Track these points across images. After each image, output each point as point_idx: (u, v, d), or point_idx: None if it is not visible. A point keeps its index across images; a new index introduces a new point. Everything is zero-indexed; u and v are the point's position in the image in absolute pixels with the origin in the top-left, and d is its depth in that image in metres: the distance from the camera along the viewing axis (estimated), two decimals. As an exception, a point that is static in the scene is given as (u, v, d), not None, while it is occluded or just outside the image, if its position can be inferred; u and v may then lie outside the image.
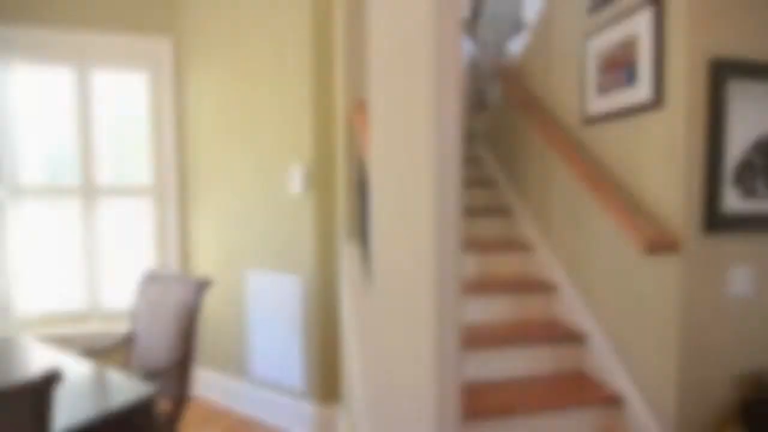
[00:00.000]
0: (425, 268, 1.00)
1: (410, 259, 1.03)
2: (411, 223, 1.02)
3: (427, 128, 1.01)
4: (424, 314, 1.02)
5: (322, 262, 2.56)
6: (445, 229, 0.99)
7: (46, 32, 2.77)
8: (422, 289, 1.02)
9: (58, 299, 2.90)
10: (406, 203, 1.03)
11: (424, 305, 1.02)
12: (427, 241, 1.00)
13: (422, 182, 1.00)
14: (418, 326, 1.03)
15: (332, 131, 2.55)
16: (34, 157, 2.87)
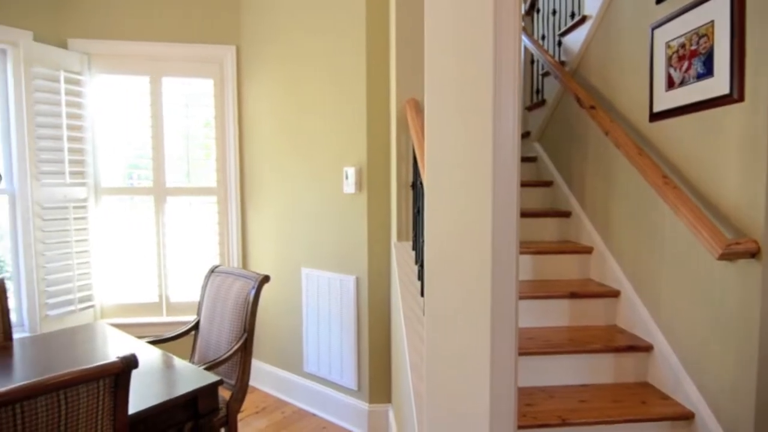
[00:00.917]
0: (481, 270, 0.99)
1: (465, 262, 1.03)
2: (467, 224, 1.02)
3: (484, 128, 1.00)
4: (480, 318, 1.01)
5: (374, 262, 2.59)
6: (502, 230, 0.98)
7: (125, 45, 3.00)
8: (477, 293, 1.01)
9: (133, 290, 3.14)
10: (461, 204, 1.02)
11: (479, 309, 1.01)
12: (484, 243, 0.99)
13: (479, 183, 0.99)
14: (473, 330, 1.02)
15: (385, 132, 2.57)
16: (113, 160, 3.12)
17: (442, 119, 1.05)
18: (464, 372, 1.03)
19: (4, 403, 1.05)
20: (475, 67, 0.99)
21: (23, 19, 2.75)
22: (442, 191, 1.05)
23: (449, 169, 1.04)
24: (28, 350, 1.96)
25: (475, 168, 1.00)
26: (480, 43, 0.99)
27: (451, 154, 1.03)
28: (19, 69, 2.68)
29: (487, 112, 0.98)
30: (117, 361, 1.22)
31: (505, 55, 1.00)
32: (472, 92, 1.00)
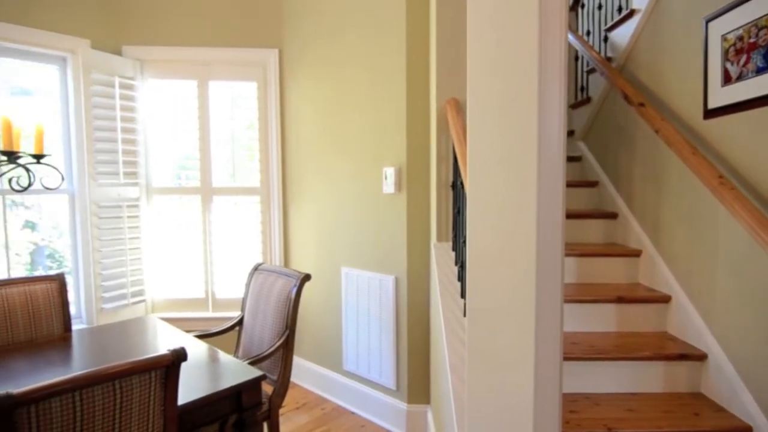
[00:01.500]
0: (525, 273, 0.97)
1: (508, 264, 1.01)
2: (510, 226, 1.00)
3: (528, 127, 0.98)
4: (524, 321, 0.99)
5: (413, 263, 2.59)
6: (547, 232, 0.95)
7: (175, 51, 3.13)
8: (521, 295, 0.99)
9: (181, 286, 3.27)
10: (504, 205, 1.01)
11: (523, 312, 0.99)
12: (528, 244, 0.97)
13: (523, 183, 0.97)
14: (517, 334, 1.00)
15: (424, 132, 2.56)
16: (163, 161, 3.26)
17: (485, 119, 1.03)
18: (507, 376, 1.01)
19: (65, 391, 1.12)
20: (520, 65, 0.97)
21: (82, 28, 2.93)
22: (484, 192, 1.04)
23: (492, 169, 1.02)
24: (86, 341, 2.08)
25: (519, 168, 0.98)
26: (524, 41, 0.97)
27: (494, 154, 1.01)
28: (78, 75, 2.85)
29: (531, 111, 0.96)
30: (168, 353, 1.28)
31: (550, 52, 0.98)
32: (517, 91, 0.98)
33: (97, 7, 3.00)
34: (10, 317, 2.04)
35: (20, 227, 4.58)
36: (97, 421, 1.18)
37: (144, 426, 1.27)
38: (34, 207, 4.54)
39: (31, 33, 2.71)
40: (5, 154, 1.55)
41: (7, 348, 1.98)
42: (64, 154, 2.90)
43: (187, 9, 3.14)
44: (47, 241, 4.65)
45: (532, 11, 0.96)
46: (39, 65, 2.84)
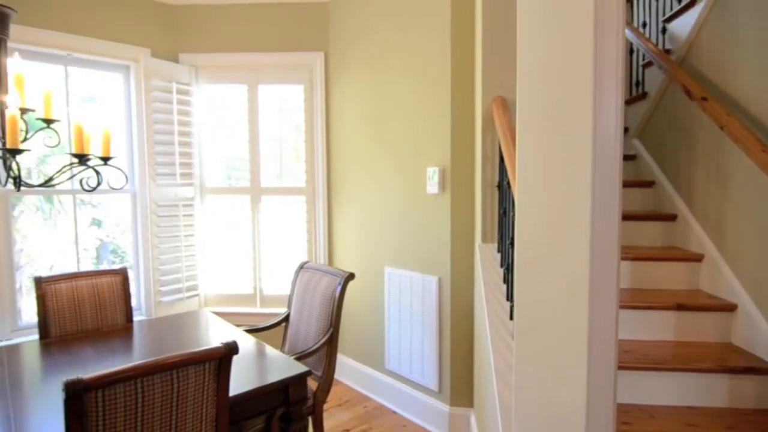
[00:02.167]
0: (578, 276, 0.94)
1: (560, 267, 0.98)
2: (562, 228, 0.97)
3: (583, 125, 0.94)
4: (576, 328, 0.96)
5: (457, 264, 2.56)
6: (602, 234, 0.92)
7: (226, 56, 3.26)
8: (574, 301, 0.96)
9: (231, 282, 3.41)
10: (556, 206, 0.98)
11: (575, 318, 0.96)
12: (581, 247, 0.94)
13: (576, 184, 0.94)
14: (568, 340, 0.97)
15: (469, 131, 2.53)
16: (215, 162, 3.41)
17: (535, 117, 1.01)
18: (558, 384, 0.98)
19: (128, 378, 1.20)
20: (574, 60, 0.94)
21: (143, 38, 3.11)
22: (534, 192, 1.02)
23: (543, 170, 0.99)
24: (145, 331, 2.21)
25: (572, 168, 0.95)
26: (579, 35, 0.94)
27: (545, 153, 0.99)
28: (140, 82, 3.03)
29: (586, 108, 0.93)
30: (221, 346, 1.33)
31: (606, 47, 0.94)
32: (570, 87, 0.95)
33: (157, 18, 3.17)
34: (79, 307, 2.19)
35: (88, 224, 4.92)
36: (156, 408, 1.25)
37: (198, 415, 1.34)
38: (100, 206, 4.86)
39: (100, 44, 2.91)
40: (77, 157, 1.68)
41: (76, 336, 2.13)
42: (127, 156, 3.10)
43: (238, 16, 3.26)
44: (111, 237, 4.97)
45: (587, 4, 0.92)
46: (106, 74, 3.04)
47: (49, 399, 1.53)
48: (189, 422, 1.32)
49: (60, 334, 2.14)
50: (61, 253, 4.38)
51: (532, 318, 1.03)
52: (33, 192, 3.18)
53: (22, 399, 1.52)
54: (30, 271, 3.68)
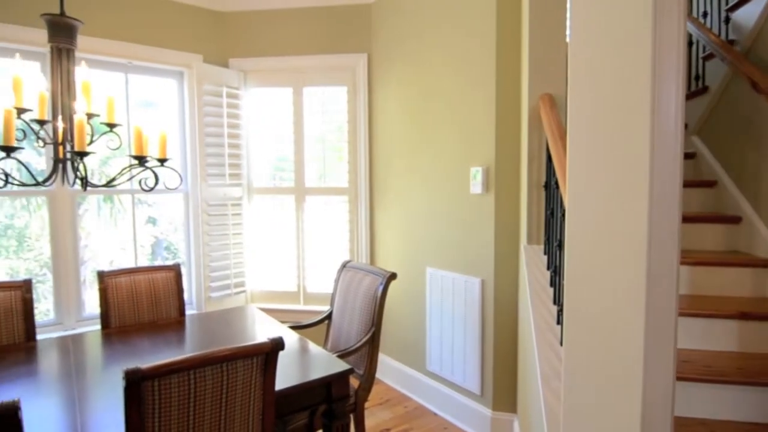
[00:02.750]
0: (634, 282, 0.90)
1: (614, 271, 0.94)
2: (617, 230, 0.93)
3: (640, 123, 0.90)
4: (631, 336, 0.92)
5: (501, 265, 2.51)
6: (661, 237, 0.87)
7: (273, 60, 3.36)
8: (629, 307, 0.92)
9: (276, 279, 3.50)
10: (610, 207, 0.94)
11: (630, 325, 0.92)
12: (638, 251, 0.89)
13: (633, 184, 0.90)
14: (623, 349, 0.93)
15: (515, 130, 2.47)
16: (261, 163, 3.51)
17: (588, 114, 0.97)
18: (611, 395, 0.94)
19: (182, 369, 1.26)
20: (631, 53, 0.90)
21: (195, 45, 3.25)
22: (586, 193, 0.98)
23: (596, 169, 0.96)
24: (196, 325, 2.31)
25: (628, 167, 0.91)
26: (637, 26, 0.90)
27: (599, 152, 0.95)
28: (192, 87, 3.17)
29: (644, 104, 0.88)
30: (268, 342, 1.37)
31: (666, 38, 0.89)
32: (627, 82, 0.90)
33: (209, 25, 3.31)
34: (136, 300, 2.32)
35: (144, 222, 5.20)
36: (207, 399, 1.30)
37: (246, 407, 1.38)
38: (155, 205, 5.12)
39: (157, 52, 3.07)
40: (137, 158, 1.78)
41: (133, 327, 2.26)
42: (180, 158, 3.25)
43: (285, 21, 3.34)
44: (164, 234, 5.23)
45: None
46: (162, 80, 3.21)
47: (109, 386, 1.62)
48: (237, 414, 1.36)
49: (119, 325, 2.27)
50: (120, 249, 4.65)
51: (583, 325, 0.99)
52: (97, 192, 3.39)
53: (85, 385, 1.63)
54: (93, 265, 3.93)
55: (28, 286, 2.11)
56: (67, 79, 1.75)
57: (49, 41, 1.73)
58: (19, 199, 3.75)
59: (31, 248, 4.45)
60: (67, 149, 1.73)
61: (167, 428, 1.26)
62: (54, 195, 2.80)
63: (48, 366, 1.80)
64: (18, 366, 1.79)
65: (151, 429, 1.24)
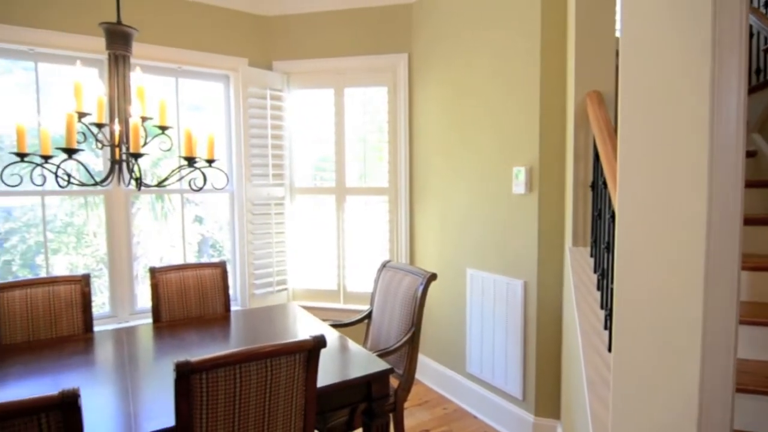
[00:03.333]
0: (690, 287, 0.85)
1: (669, 275, 0.90)
2: (672, 232, 0.89)
3: (698, 119, 0.85)
4: (686, 345, 0.87)
5: (545, 268, 2.45)
6: (720, 241, 0.82)
7: (315, 62, 3.41)
8: (684, 314, 0.87)
9: (316, 278, 3.56)
10: (665, 209, 0.89)
11: (686, 333, 0.87)
12: (695, 255, 0.85)
13: (690, 183, 0.85)
14: (677, 356, 0.88)
15: (559, 129, 2.40)
16: (303, 163, 3.58)
17: (641, 110, 0.93)
18: (664, 406, 0.90)
19: (228, 363, 1.30)
20: (688, 49, 0.85)
21: (241, 49, 3.35)
22: (638, 194, 0.94)
23: (649, 169, 0.91)
24: (240, 321, 2.38)
25: (685, 167, 0.86)
26: (695, 16, 0.85)
27: (652, 150, 0.91)
28: (238, 90, 3.27)
29: (702, 102, 0.83)
30: (310, 339, 1.40)
31: (728, 29, 0.84)
32: (684, 79, 0.86)
33: (254, 29, 3.40)
34: (185, 296, 2.42)
35: (191, 221, 5.42)
36: (252, 393, 1.34)
37: (289, 402, 1.41)
38: (202, 204, 5.32)
39: (205, 57, 3.19)
40: (187, 160, 1.85)
41: (182, 321, 2.36)
42: (226, 159, 3.36)
43: (327, 23, 3.39)
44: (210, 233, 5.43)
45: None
46: (209, 83, 3.33)
47: (160, 377, 1.70)
48: (281, 408, 1.39)
49: (169, 319, 2.37)
50: (169, 246, 4.87)
51: (635, 332, 0.95)
52: (149, 191, 3.57)
53: (138, 375, 1.71)
54: (144, 262, 4.13)
55: (86, 280, 2.25)
56: (123, 84, 1.85)
57: (107, 48, 1.83)
58: (78, 198, 4.00)
59: (89, 244, 4.74)
60: (122, 151, 1.83)
61: (214, 419, 1.30)
62: (110, 194, 2.96)
63: (104, 356, 1.91)
64: (77, 355, 1.90)
65: (199, 420, 1.29)
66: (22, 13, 2.63)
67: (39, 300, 2.12)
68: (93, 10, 2.82)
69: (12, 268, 4.58)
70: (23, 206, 4.35)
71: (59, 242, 4.65)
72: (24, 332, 2.06)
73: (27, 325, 2.07)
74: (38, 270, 4.71)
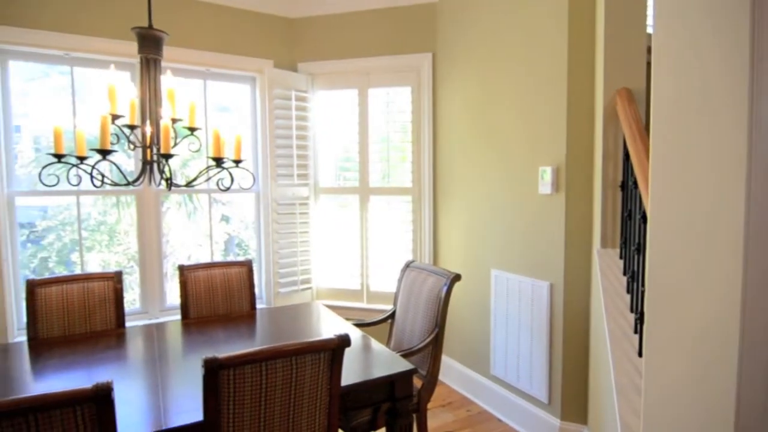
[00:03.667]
0: (727, 293, 0.82)
1: (703, 280, 0.86)
2: (707, 235, 0.85)
3: (736, 114, 0.82)
4: (721, 355, 0.84)
5: (571, 269, 2.40)
6: (759, 243, 0.79)
7: (339, 63, 3.43)
8: (720, 321, 0.84)
9: (340, 277, 3.58)
10: (700, 210, 0.86)
11: (723, 343, 0.84)
12: (732, 259, 0.81)
13: (727, 184, 0.82)
14: (713, 369, 0.85)
15: (587, 127, 2.35)
16: (327, 163, 3.60)
17: (675, 109, 0.90)
18: (697, 416, 0.87)
19: (255, 360, 1.32)
20: (724, 43, 0.82)
21: (267, 51, 3.40)
22: (671, 194, 0.91)
23: (683, 168, 0.88)
24: (265, 319, 2.41)
25: (721, 166, 0.83)
26: (732, 12, 0.81)
27: (687, 149, 0.88)
28: (264, 92, 3.32)
29: (740, 97, 0.80)
30: (335, 338, 1.40)
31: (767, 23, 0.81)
32: (721, 77, 0.83)
33: (279, 31, 3.45)
34: (213, 293, 2.47)
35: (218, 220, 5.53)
36: (277, 390, 1.35)
37: (313, 400, 1.42)
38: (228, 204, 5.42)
39: (233, 59, 3.25)
40: (215, 160, 1.89)
41: (210, 318, 2.41)
42: (252, 159, 3.41)
43: (351, 24, 3.41)
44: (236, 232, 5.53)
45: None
46: (235, 85, 3.39)
47: (189, 372, 1.74)
48: (305, 406, 1.41)
49: (197, 316, 2.43)
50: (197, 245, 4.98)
51: (667, 337, 0.92)
52: (179, 191, 3.65)
53: (167, 370, 1.76)
54: (173, 260, 4.24)
55: (119, 277, 2.32)
56: (154, 86, 1.90)
57: (139, 52, 1.88)
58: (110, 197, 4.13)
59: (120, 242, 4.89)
60: (153, 152, 1.88)
61: (241, 415, 1.32)
62: (141, 194, 3.05)
63: (135, 351, 1.97)
64: (110, 350, 1.97)
65: (226, 415, 1.31)
66: (59, 19, 2.74)
67: (74, 296, 2.19)
68: (125, 16, 2.91)
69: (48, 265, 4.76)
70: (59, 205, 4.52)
71: (93, 240, 4.81)
72: (60, 327, 2.15)
73: (63, 320, 2.16)
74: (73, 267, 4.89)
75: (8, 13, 2.61)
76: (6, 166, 2.68)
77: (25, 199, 2.93)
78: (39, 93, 3.03)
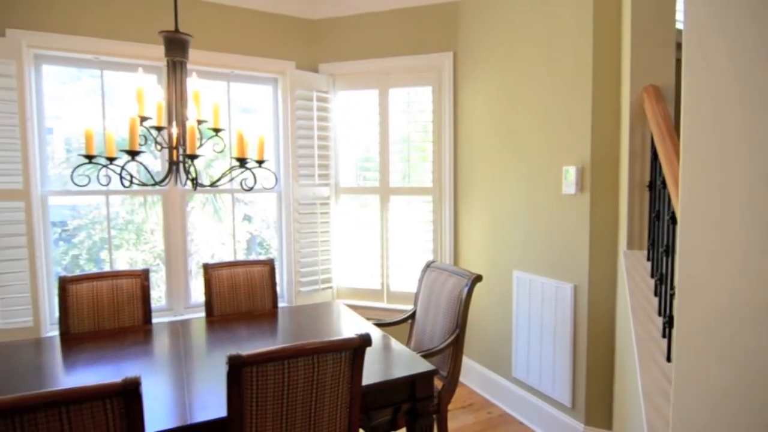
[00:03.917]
0: (762, 301, 0.79)
1: (736, 284, 0.83)
2: (741, 236, 0.82)
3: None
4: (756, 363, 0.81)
5: (596, 271, 2.35)
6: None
7: (360, 64, 3.44)
8: (756, 326, 0.81)
9: (360, 277, 3.59)
10: (734, 210, 0.83)
11: (755, 351, 0.81)
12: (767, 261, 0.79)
13: (763, 185, 0.79)
14: (746, 375, 0.82)
15: (613, 126, 2.30)
16: (348, 163, 3.62)
17: (707, 108, 0.87)
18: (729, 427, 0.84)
19: (277, 358, 1.33)
20: (762, 40, 0.79)
21: (289, 52, 3.43)
22: (703, 194, 0.88)
23: (716, 168, 0.85)
24: (287, 317, 2.44)
25: (756, 166, 0.80)
26: None
27: (719, 148, 0.85)
28: (286, 93, 3.35)
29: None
30: (356, 337, 1.41)
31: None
32: (757, 75, 0.80)
33: (301, 33, 3.48)
34: (236, 291, 2.51)
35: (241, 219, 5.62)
36: (299, 387, 1.37)
37: (335, 398, 1.43)
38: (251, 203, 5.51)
39: (255, 61, 3.29)
40: (239, 160, 1.92)
41: (233, 316, 2.45)
42: (274, 159, 3.45)
43: (372, 25, 3.41)
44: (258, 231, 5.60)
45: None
46: (258, 87, 3.44)
47: (213, 368, 1.77)
48: (327, 404, 1.42)
49: (220, 313, 2.47)
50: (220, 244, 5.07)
51: (698, 343, 0.89)
52: (204, 191, 3.72)
53: (192, 366, 1.79)
54: (197, 258, 4.32)
55: (146, 274, 2.38)
56: (180, 89, 1.94)
57: (166, 55, 1.93)
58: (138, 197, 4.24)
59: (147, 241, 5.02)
60: (179, 153, 1.92)
61: (263, 411, 1.34)
62: (167, 194, 3.12)
63: (161, 347, 2.02)
64: (137, 346, 2.02)
65: (249, 411, 1.33)
66: (89, 24, 2.82)
67: (104, 292, 2.26)
68: (152, 20, 2.98)
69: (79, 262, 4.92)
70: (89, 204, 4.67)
71: (121, 239, 4.95)
72: (90, 322, 2.21)
73: (93, 316, 2.22)
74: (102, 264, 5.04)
75: (43, 20, 2.71)
76: (40, 166, 2.78)
77: (58, 198, 3.03)
78: (70, 96, 3.13)
